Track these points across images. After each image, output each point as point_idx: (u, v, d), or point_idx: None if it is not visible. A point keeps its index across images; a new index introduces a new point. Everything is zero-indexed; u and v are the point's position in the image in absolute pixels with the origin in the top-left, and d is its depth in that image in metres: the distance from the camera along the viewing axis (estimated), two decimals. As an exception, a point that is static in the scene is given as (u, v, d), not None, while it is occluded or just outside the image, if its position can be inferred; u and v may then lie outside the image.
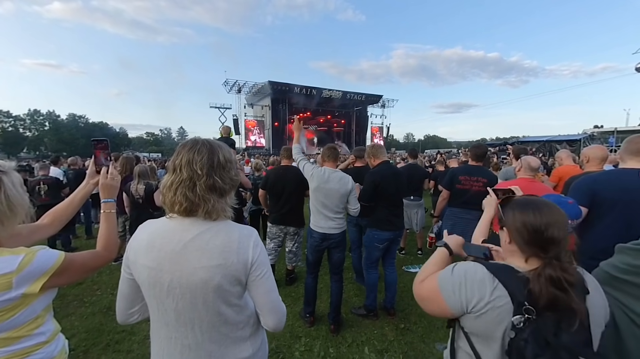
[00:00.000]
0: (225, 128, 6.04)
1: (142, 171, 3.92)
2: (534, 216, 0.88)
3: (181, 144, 0.96)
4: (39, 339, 1.00)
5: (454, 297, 0.90)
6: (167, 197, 0.92)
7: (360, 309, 3.07)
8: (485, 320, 0.85)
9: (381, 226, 2.89)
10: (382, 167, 2.91)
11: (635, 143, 1.83)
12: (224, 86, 29.28)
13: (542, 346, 0.76)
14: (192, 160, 0.90)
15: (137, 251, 0.94)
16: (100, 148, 1.32)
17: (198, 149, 0.92)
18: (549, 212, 0.88)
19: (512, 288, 0.83)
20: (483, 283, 0.86)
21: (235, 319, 0.96)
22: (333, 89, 31.60)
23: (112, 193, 1.29)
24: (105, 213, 1.23)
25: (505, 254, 1.00)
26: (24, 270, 0.88)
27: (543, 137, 20.95)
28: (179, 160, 0.91)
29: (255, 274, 0.94)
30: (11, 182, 0.93)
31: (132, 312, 1.02)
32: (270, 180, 3.56)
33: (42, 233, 1.22)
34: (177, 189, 0.89)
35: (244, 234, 0.95)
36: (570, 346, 0.76)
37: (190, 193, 0.89)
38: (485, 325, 0.85)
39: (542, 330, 0.77)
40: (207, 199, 0.90)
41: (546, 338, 0.77)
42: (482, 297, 0.84)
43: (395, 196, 2.91)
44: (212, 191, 0.92)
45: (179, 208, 0.91)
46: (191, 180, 0.89)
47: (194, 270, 0.88)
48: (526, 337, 0.77)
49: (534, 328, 0.78)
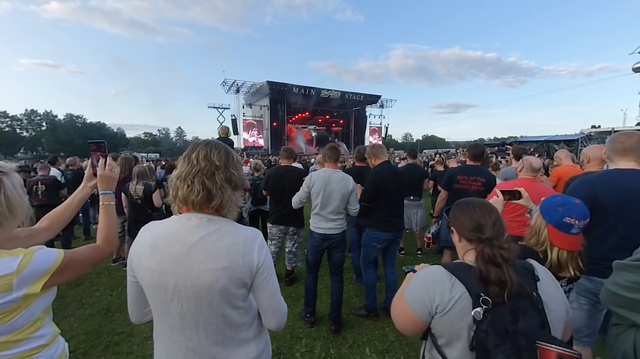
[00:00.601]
0: (224, 129, 6.02)
1: (141, 171, 3.91)
2: (469, 213, 1.00)
3: (194, 143, 0.99)
4: (39, 342, 0.99)
5: (419, 303, 0.94)
6: (181, 189, 0.91)
7: (360, 310, 3.07)
8: (450, 318, 0.89)
9: (381, 226, 2.88)
10: (383, 167, 2.90)
11: (619, 142, 1.77)
12: (223, 86, 29.29)
13: (501, 335, 0.79)
14: (209, 153, 0.93)
15: (141, 253, 0.93)
16: (97, 150, 1.31)
17: (214, 145, 0.97)
18: (481, 208, 1.00)
19: (468, 282, 0.89)
20: (442, 282, 0.92)
21: (240, 321, 0.95)
22: (331, 89, 31.70)
23: (111, 184, 1.27)
24: (104, 205, 1.21)
25: (460, 253, 1.07)
26: (23, 271, 0.87)
27: (541, 137, 21.01)
28: (196, 153, 0.93)
29: (262, 277, 0.94)
30: (11, 183, 0.93)
31: (145, 312, 1.02)
32: (271, 181, 3.55)
33: (40, 236, 1.21)
34: (195, 178, 0.90)
35: (250, 236, 0.94)
36: (526, 330, 0.80)
37: (208, 182, 0.91)
38: (451, 324, 0.89)
39: (500, 319, 0.81)
40: (224, 189, 0.92)
41: (505, 326, 0.80)
42: (443, 295, 0.90)
43: (396, 197, 2.90)
44: (229, 183, 0.94)
45: (196, 198, 0.90)
46: (209, 170, 0.92)
47: (200, 272, 0.87)
48: (485, 328, 0.81)
49: (492, 318, 0.82)
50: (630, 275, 1.15)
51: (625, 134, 1.80)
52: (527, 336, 0.79)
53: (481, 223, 0.96)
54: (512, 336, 0.79)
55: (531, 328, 0.82)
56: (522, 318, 0.82)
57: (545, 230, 1.32)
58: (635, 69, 19.31)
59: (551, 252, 1.31)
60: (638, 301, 1.14)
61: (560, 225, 1.27)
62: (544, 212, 1.35)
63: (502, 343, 0.79)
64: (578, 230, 1.26)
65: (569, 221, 1.25)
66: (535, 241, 1.37)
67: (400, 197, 3.01)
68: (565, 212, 1.26)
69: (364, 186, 2.87)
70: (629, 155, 1.75)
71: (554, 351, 0.76)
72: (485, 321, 0.82)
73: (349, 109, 34.57)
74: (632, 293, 1.15)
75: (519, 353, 0.77)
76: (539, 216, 1.37)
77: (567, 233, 1.26)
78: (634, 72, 19.39)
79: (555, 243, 1.30)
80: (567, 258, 1.30)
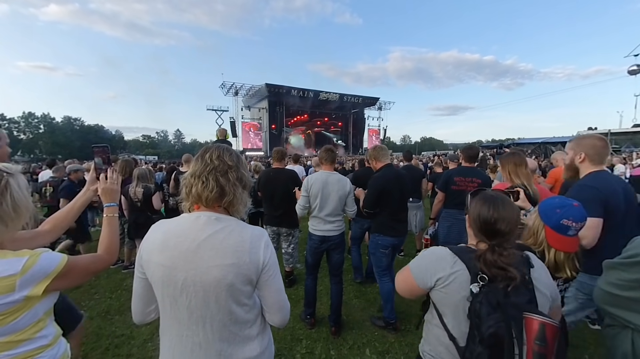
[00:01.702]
0: (222, 131, 6.04)
1: (142, 174, 3.91)
2: (488, 210, 1.03)
3: (205, 146, 1.04)
4: (41, 343, 1.00)
5: (421, 275, 1.10)
6: (195, 186, 0.95)
7: (379, 321, 2.90)
8: (450, 290, 1.03)
9: (384, 231, 2.78)
10: (386, 171, 2.76)
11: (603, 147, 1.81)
12: (221, 89, 29.29)
13: (494, 306, 0.92)
14: (222, 154, 0.99)
15: (151, 250, 0.95)
16: (100, 154, 1.33)
17: (226, 147, 1.03)
18: (502, 209, 1.02)
19: (469, 262, 1.02)
20: (445, 259, 1.06)
21: (244, 318, 0.98)
22: (330, 92, 31.79)
23: (114, 197, 1.31)
24: (107, 217, 1.24)
25: (469, 234, 1.17)
26: (27, 272, 0.89)
27: (538, 139, 21.19)
28: (209, 154, 0.98)
29: (268, 274, 0.97)
30: (17, 185, 0.94)
31: (149, 311, 1.04)
32: (262, 182, 3.58)
33: (43, 239, 1.23)
34: (209, 175, 0.95)
35: (256, 234, 0.98)
36: (516, 303, 0.92)
37: (222, 179, 0.96)
38: (451, 295, 1.03)
39: (494, 293, 0.94)
40: (236, 187, 0.98)
41: (497, 299, 0.92)
42: (445, 270, 1.04)
43: (399, 201, 2.78)
44: (240, 182, 1.00)
45: (210, 193, 0.94)
46: (222, 168, 0.97)
47: (208, 268, 0.90)
48: (481, 299, 0.94)
49: (487, 291, 0.94)
50: (622, 273, 1.17)
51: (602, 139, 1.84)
52: (516, 307, 0.91)
53: (489, 223, 1.02)
54: (502, 307, 0.91)
55: (521, 302, 0.94)
56: (514, 294, 0.94)
57: (543, 232, 1.34)
58: (630, 72, 19.50)
59: (548, 253, 1.33)
60: (632, 299, 1.15)
61: (557, 227, 1.28)
62: (542, 214, 1.36)
63: (493, 312, 0.91)
64: (575, 232, 1.27)
65: (566, 223, 1.26)
66: (533, 241, 1.38)
67: (404, 202, 2.91)
68: (563, 214, 1.27)
69: (366, 192, 2.78)
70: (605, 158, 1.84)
71: (538, 320, 0.87)
72: (481, 294, 0.95)
73: (347, 111, 34.70)
74: (625, 291, 1.16)
75: (507, 321, 0.89)
76: (537, 217, 1.38)
77: (564, 234, 1.27)
78: (629, 74, 19.57)
79: (553, 244, 1.31)
80: (564, 259, 1.31)
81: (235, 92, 29.71)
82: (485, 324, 0.91)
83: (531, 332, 0.87)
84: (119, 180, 1.34)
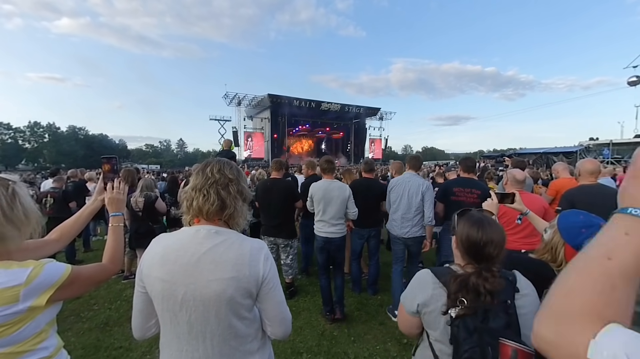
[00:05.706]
0: (227, 142, 6.10)
1: (147, 184, 3.96)
2: (477, 232, 1.03)
3: (206, 160, 1.06)
4: (43, 354, 0.99)
5: (408, 301, 1.12)
6: (196, 199, 0.96)
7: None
8: (433, 313, 1.05)
9: None
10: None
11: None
12: (224, 99, 29.65)
13: (470, 331, 0.93)
14: (223, 168, 1.01)
15: (151, 264, 0.95)
16: (109, 164, 1.35)
17: (226, 161, 1.04)
18: (490, 231, 1.03)
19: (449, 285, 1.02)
20: (427, 283, 1.08)
21: (245, 333, 0.97)
22: (331, 102, 32.10)
23: (120, 206, 1.32)
24: (112, 226, 1.25)
25: (455, 254, 1.16)
26: (32, 283, 0.89)
27: (540, 149, 21.17)
28: (210, 167, 1.00)
29: (268, 287, 0.97)
30: (23, 191, 0.96)
31: (149, 326, 1.03)
32: (258, 193, 3.62)
33: (50, 248, 1.23)
34: (210, 188, 0.96)
35: (255, 247, 0.98)
36: (493, 329, 0.93)
37: (223, 192, 0.97)
38: (434, 318, 1.05)
39: (472, 318, 0.95)
40: (237, 200, 1.00)
41: (474, 324, 0.94)
42: (427, 294, 1.06)
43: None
44: (240, 195, 1.02)
45: (211, 206, 0.95)
46: (223, 182, 0.98)
47: (208, 282, 0.90)
48: (458, 324, 0.95)
49: (464, 316, 0.96)
50: None
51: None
52: (492, 333, 0.92)
53: (478, 246, 1.03)
54: (479, 332, 0.93)
55: (498, 327, 0.95)
56: (492, 319, 0.96)
57: (563, 249, 1.23)
58: (629, 83, 19.60)
59: None
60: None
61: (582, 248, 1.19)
62: (562, 231, 1.24)
63: (469, 337, 0.93)
64: None
65: None
66: (550, 258, 1.28)
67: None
68: (589, 234, 1.13)
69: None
70: None
71: (511, 346, 0.89)
72: (458, 318, 0.96)
73: (348, 121, 34.92)
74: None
75: (482, 346, 0.91)
76: (555, 232, 1.27)
77: None
78: (629, 85, 19.66)
79: None
80: None
81: (238, 102, 30.06)
82: (461, 348, 0.93)
83: (505, 358, 0.88)
84: (126, 190, 1.36)
